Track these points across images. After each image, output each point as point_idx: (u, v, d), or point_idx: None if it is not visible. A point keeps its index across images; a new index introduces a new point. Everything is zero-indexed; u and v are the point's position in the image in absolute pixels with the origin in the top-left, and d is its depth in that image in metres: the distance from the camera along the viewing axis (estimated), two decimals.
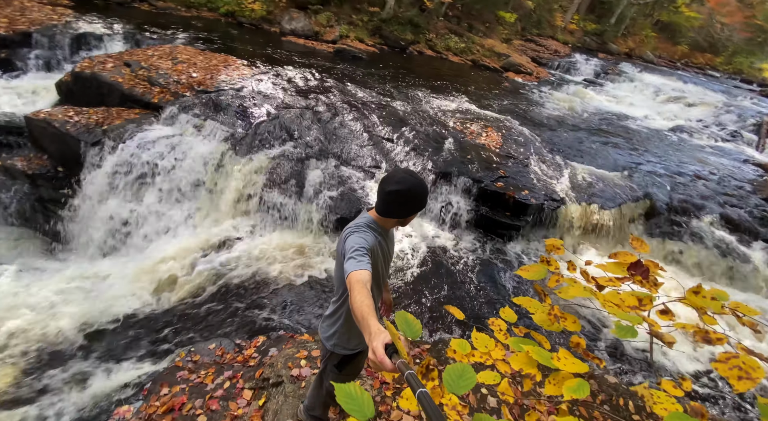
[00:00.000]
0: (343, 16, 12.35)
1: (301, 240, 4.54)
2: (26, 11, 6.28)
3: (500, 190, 5.78)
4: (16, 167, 4.86)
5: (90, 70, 5.39)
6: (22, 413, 2.99)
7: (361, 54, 10.72)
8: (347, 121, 6.24)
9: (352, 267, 1.31)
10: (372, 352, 0.87)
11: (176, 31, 7.79)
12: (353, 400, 0.67)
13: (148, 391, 2.55)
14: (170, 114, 5.27)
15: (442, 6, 15.24)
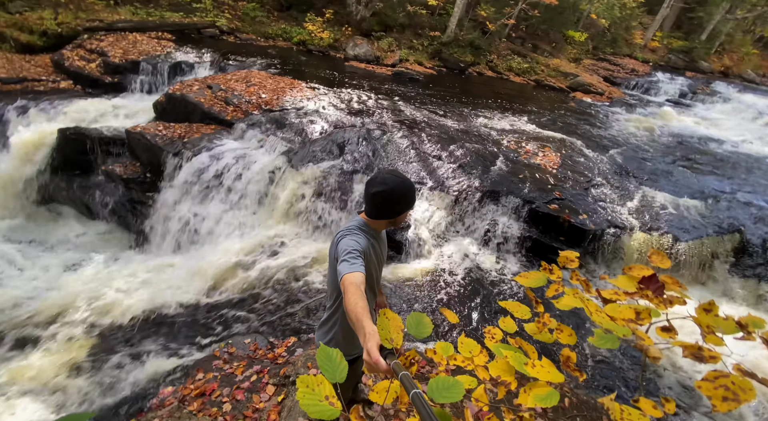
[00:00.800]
0: (404, 41, 12.88)
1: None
2: (137, 44, 7.63)
3: (554, 213, 5.41)
4: (115, 172, 5.78)
5: (180, 92, 6.28)
6: (90, 382, 3.43)
7: (418, 76, 11.01)
8: (396, 139, 6.40)
9: (345, 269, 1.31)
10: (367, 353, 0.87)
11: (254, 58, 8.79)
12: (330, 362, 0.69)
13: (186, 374, 2.78)
14: (239, 130, 5.90)
15: (505, 28, 15.15)
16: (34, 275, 4.92)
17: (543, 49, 16.11)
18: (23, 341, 3.78)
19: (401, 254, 4.95)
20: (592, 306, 0.87)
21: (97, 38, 7.48)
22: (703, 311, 0.73)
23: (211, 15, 9.84)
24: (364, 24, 11.99)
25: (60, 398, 3.13)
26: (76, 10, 7.80)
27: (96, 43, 7.34)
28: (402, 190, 1.47)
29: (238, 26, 10.40)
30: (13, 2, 7.17)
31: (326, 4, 11.89)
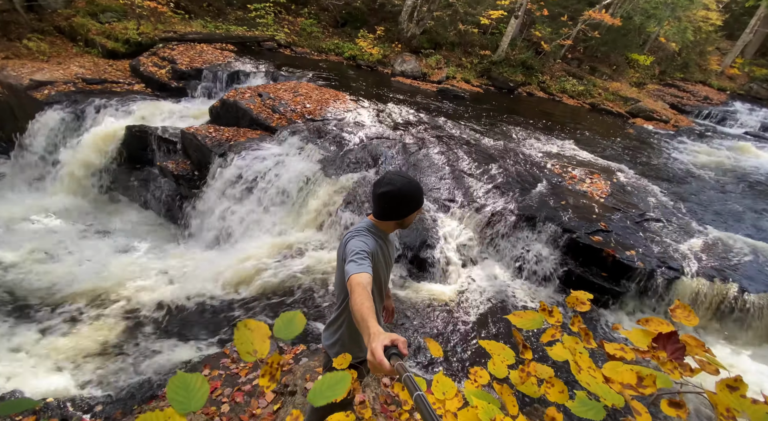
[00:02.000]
0: (452, 59, 12.88)
1: None
2: (203, 54, 8.33)
3: (596, 245, 4.99)
4: (168, 168, 6.25)
5: (233, 98, 6.72)
6: (113, 363, 3.64)
7: (463, 93, 10.90)
8: (432, 154, 6.32)
9: (352, 270, 1.30)
10: (371, 353, 0.86)
11: (305, 70, 9.23)
12: (186, 391, 0.61)
13: (193, 368, 2.85)
14: (282, 136, 6.15)
15: (561, 48, 14.63)
16: (87, 255, 5.40)
17: (602, 72, 15.31)
18: (65, 317, 4.12)
19: (425, 271, 4.80)
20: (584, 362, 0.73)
21: (170, 47, 8.28)
22: (726, 387, 0.57)
23: (272, 29, 10.53)
24: (413, 41, 12.18)
25: (82, 375, 3.35)
26: (155, 22, 8.73)
27: (168, 51, 8.14)
28: (409, 191, 1.45)
29: (295, 40, 11.02)
30: (104, 13, 8.20)
31: (379, 22, 12.27)
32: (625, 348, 0.76)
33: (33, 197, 6.51)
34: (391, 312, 1.94)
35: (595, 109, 13.36)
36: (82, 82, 7.27)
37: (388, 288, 1.79)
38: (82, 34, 8.05)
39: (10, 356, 3.54)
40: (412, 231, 4.91)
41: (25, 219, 5.79)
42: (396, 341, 0.89)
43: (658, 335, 0.79)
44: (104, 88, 7.40)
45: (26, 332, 3.87)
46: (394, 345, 0.88)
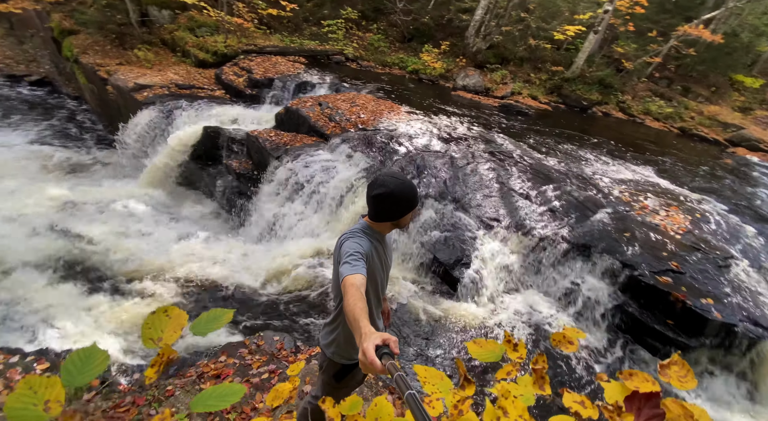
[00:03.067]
0: (519, 75, 12.40)
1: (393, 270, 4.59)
2: (277, 65, 9.09)
3: (663, 287, 4.37)
4: (232, 166, 6.87)
5: (296, 106, 7.21)
6: None
7: (528, 110, 10.40)
8: (481, 170, 6.09)
9: (346, 271, 1.31)
10: (362, 353, 0.87)
11: (367, 82, 9.58)
12: (81, 362, 0.60)
13: (212, 354, 3.03)
14: (334, 144, 6.42)
15: (647, 66, 13.30)
16: (156, 237, 6.11)
17: (697, 93, 13.57)
18: (129, 288, 4.69)
19: (456, 291, 4.59)
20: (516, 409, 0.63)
21: (249, 59, 9.19)
22: None
23: (341, 44, 11.15)
24: (479, 56, 11.99)
25: (129, 344, 3.76)
26: (240, 36, 9.77)
27: (247, 62, 9.03)
28: (402, 192, 1.44)
29: (362, 55, 11.51)
30: (200, 28, 9.40)
31: (446, 37, 12.31)
32: (587, 403, 0.63)
33: (123, 184, 7.58)
34: (387, 315, 1.94)
35: (685, 134, 11.86)
36: (174, 86, 8.37)
37: (385, 292, 1.77)
38: (180, 45, 9.30)
39: (81, 315, 4.12)
40: (447, 246, 4.75)
41: (114, 202, 6.75)
42: (387, 340, 0.89)
43: (634, 394, 0.65)
44: (192, 93, 8.42)
45: (97, 297, 4.48)
46: (386, 344, 0.88)
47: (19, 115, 9.69)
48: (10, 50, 11.61)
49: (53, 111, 10.32)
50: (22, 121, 9.50)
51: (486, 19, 11.65)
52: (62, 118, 10.11)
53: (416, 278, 4.67)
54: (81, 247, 5.46)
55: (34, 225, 5.72)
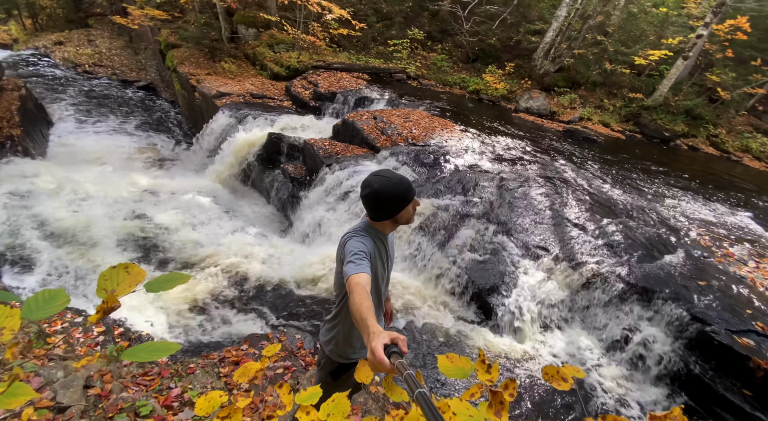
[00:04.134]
0: (591, 100, 11.63)
1: (420, 284, 4.46)
2: (341, 81, 9.61)
3: (743, 351, 3.69)
4: (288, 170, 7.31)
5: (352, 119, 7.51)
6: (193, 318, 4.34)
7: (596, 137, 9.68)
8: (533, 194, 5.74)
9: (351, 270, 1.31)
10: (371, 352, 0.86)
11: (424, 100, 9.69)
12: (45, 303, 0.65)
13: (236, 341, 3.17)
14: (382, 156, 6.55)
15: (748, 98, 11.69)
16: (214, 229, 6.66)
17: None
18: (182, 270, 5.13)
19: (490, 319, 4.30)
20: None
21: (317, 73, 9.85)
22: None
23: (404, 62, 11.47)
24: (546, 79, 11.52)
25: (173, 321, 4.09)
26: (312, 53, 10.55)
27: (315, 77, 9.68)
28: (388, 190, 1.44)
29: (424, 73, 11.72)
30: (278, 45, 10.34)
31: (512, 59, 12.06)
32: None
33: (194, 178, 8.44)
34: (390, 315, 1.92)
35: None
36: (249, 96, 9.23)
37: (388, 291, 1.75)
38: (260, 60, 10.29)
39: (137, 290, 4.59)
40: (484, 270, 4.50)
41: (185, 193, 7.54)
42: (396, 339, 0.88)
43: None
44: (263, 102, 9.21)
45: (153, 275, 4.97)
46: (394, 343, 0.87)
47: (125, 113, 11.39)
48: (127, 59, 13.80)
49: (151, 111, 11.96)
50: (126, 117, 11.15)
51: (556, 42, 11.21)
52: (157, 118, 11.67)
53: (446, 299, 4.48)
54: (151, 230, 6.15)
55: (119, 207, 6.59)
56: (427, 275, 4.63)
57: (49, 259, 4.87)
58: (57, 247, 5.14)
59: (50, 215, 5.69)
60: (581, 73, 11.97)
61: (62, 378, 2.40)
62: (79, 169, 7.81)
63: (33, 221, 5.48)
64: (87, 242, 5.35)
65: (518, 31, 12.27)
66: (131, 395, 2.41)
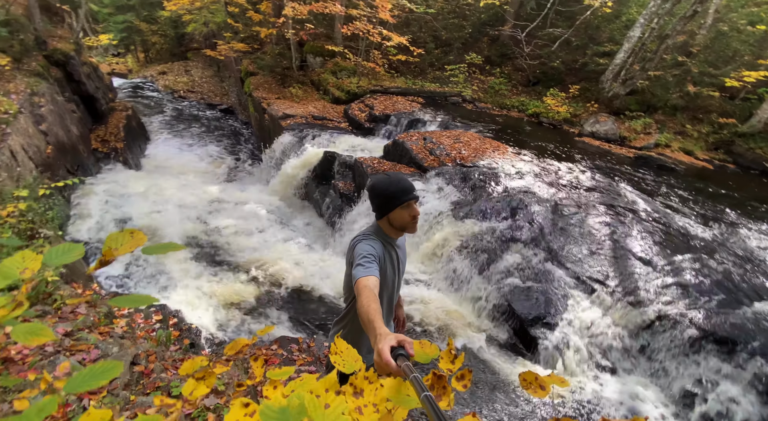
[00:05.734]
0: (670, 125, 10.54)
1: (459, 308, 4.26)
2: (396, 104, 9.96)
3: None
4: (338, 186, 7.64)
5: (402, 139, 7.69)
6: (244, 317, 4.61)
7: (675, 165, 8.70)
8: (592, 222, 5.28)
9: (359, 273, 1.33)
10: (377, 354, 0.88)
11: (478, 122, 9.59)
12: (62, 254, 0.73)
13: (268, 341, 3.30)
14: (429, 176, 6.56)
15: None
16: (267, 237, 7.13)
17: None
18: (233, 273, 5.55)
19: (531, 351, 3.94)
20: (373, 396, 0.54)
21: (373, 97, 10.33)
22: None
23: (460, 86, 11.55)
24: (616, 102, 10.74)
25: (218, 318, 4.40)
26: (371, 78, 11.13)
27: (371, 100, 10.16)
28: (382, 187, 1.47)
29: (480, 97, 11.66)
30: (341, 72, 11.11)
31: (577, 81, 11.50)
32: None
33: (258, 190, 9.19)
34: (402, 322, 1.89)
35: None
36: (311, 117, 9.95)
37: (399, 296, 1.72)
38: (323, 85, 11.11)
39: (194, 286, 5.06)
40: (527, 298, 4.18)
41: (246, 203, 8.22)
42: (403, 341, 0.88)
43: None
44: (323, 123, 9.86)
45: (208, 274, 5.44)
46: (401, 346, 0.88)
47: (207, 132, 12.94)
48: (213, 86, 15.80)
49: (228, 131, 13.43)
50: (207, 135, 12.64)
51: (628, 63, 10.49)
52: (233, 137, 13.05)
53: (484, 325, 4.22)
54: (213, 234, 6.78)
55: (190, 212, 7.40)
56: (465, 297, 4.43)
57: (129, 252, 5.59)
58: None
59: (134, 214, 6.58)
60: (658, 96, 10.96)
61: (116, 353, 2.70)
62: (164, 178, 8.97)
63: (120, 218, 6.38)
64: (160, 240, 6.05)
65: (584, 54, 11.74)
66: (168, 377, 2.62)
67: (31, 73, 6.69)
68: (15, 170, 4.60)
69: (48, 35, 8.13)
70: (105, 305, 3.70)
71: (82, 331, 2.85)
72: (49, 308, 3.07)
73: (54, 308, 3.10)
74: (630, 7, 12.25)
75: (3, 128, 4.85)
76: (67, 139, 7.30)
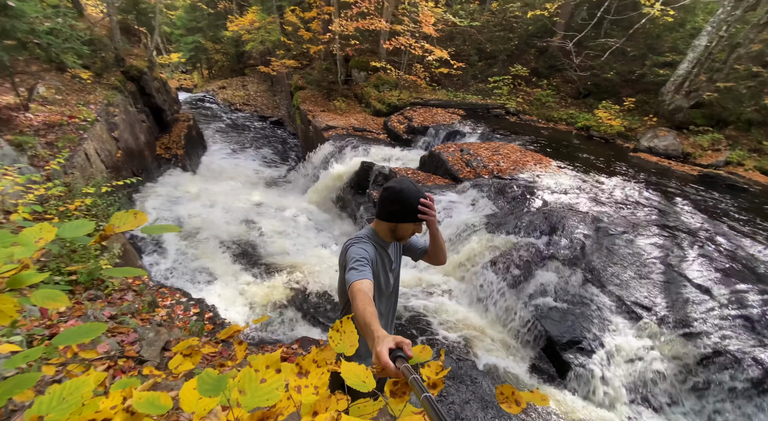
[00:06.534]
0: (743, 141, 9.46)
1: (483, 323, 4.06)
2: (435, 116, 9.97)
3: None
4: (372, 195, 7.75)
5: (438, 150, 7.66)
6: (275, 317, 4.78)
7: (747, 185, 7.77)
8: (641, 243, 4.84)
9: (353, 277, 1.32)
10: (376, 356, 0.88)
11: (522, 135, 9.28)
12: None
13: (290, 341, 3.37)
14: (463, 187, 6.44)
15: None
16: (302, 242, 7.38)
17: None
18: (266, 273, 5.79)
19: (563, 377, 3.64)
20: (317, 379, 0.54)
21: (413, 110, 10.43)
22: None
23: (504, 98, 11.30)
24: (678, 115, 9.87)
25: (251, 314, 4.59)
26: (412, 91, 11.28)
27: (411, 112, 10.26)
28: (405, 195, 1.42)
29: (525, 109, 11.31)
30: (383, 85, 11.38)
31: (633, 93, 10.76)
32: None
33: (296, 197, 9.58)
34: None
35: None
36: (352, 129, 10.26)
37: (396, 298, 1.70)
38: (366, 98, 11.44)
39: (232, 283, 5.35)
40: (561, 321, 3.89)
41: (286, 209, 8.60)
42: (401, 343, 0.89)
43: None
44: (362, 135, 10.12)
45: (247, 274, 5.73)
46: (400, 348, 0.88)
47: (257, 142, 13.81)
48: (266, 100, 16.90)
49: (277, 141, 14.24)
50: (257, 145, 13.49)
51: (692, 74, 9.64)
52: (280, 147, 13.80)
53: (510, 342, 3.99)
54: (253, 236, 7.16)
55: (234, 214, 7.88)
56: (492, 313, 4.24)
57: (177, 248, 6.09)
58: (183, 239, 6.39)
59: (186, 214, 7.15)
60: (729, 109, 9.92)
61: (150, 338, 2.92)
62: (214, 183, 9.68)
63: (173, 216, 6.97)
64: (204, 239, 6.51)
65: (642, 64, 10.99)
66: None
67: (109, 87, 7.64)
68: (88, 170, 5.26)
69: (126, 53, 9.26)
70: (149, 295, 4.03)
71: (125, 315, 3.12)
72: (101, 293, 3.42)
73: (105, 293, 3.44)
74: (696, 15, 11.33)
75: (81, 134, 5.59)
76: (135, 146, 8.17)
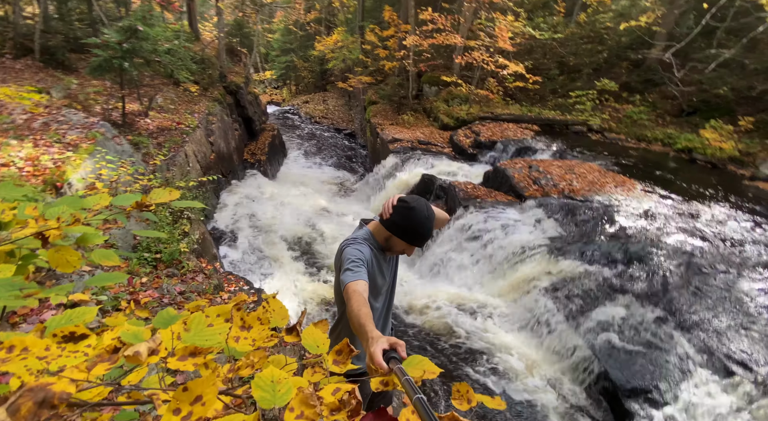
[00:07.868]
0: None
1: (534, 352, 3.69)
2: (505, 130, 9.56)
3: None
4: None
5: (504, 166, 7.32)
6: (315, 310, 4.99)
7: None
8: (745, 287, 4.00)
9: (348, 278, 1.33)
10: (369, 357, 0.89)
11: (604, 155, 8.41)
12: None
13: None
14: (528, 205, 6.04)
15: None
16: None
17: None
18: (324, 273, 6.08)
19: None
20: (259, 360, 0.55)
21: (482, 124, 10.16)
22: None
23: (586, 114, 10.39)
24: None
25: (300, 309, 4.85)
26: (482, 105, 11.01)
27: (479, 127, 10.01)
28: (415, 221, 1.40)
29: (612, 127, 10.25)
30: (453, 99, 11.32)
31: (753, 112, 9.05)
32: None
33: (362, 206, 9.92)
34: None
35: None
36: (417, 142, 10.37)
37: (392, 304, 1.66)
38: (435, 113, 11.50)
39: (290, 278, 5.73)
40: (627, 364, 3.36)
41: (347, 215, 8.97)
42: (395, 344, 0.89)
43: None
44: (427, 148, 10.16)
45: (303, 272, 6.08)
46: (393, 348, 0.89)
47: (330, 152, 14.72)
48: (343, 113, 17.99)
49: (348, 152, 15.01)
50: (330, 154, 14.38)
51: None
52: (350, 158, 14.52)
53: (560, 380, 3.55)
54: (314, 237, 7.59)
55: (301, 217, 8.46)
56: (543, 344, 3.84)
57: (248, 242, 6.74)
58: (254, 235, 7.06)
59: (260, 212, 7.89)
60: None
61: None
62: (289, 187, 10.54)
63: (249, 214, 7.75)
64: (272, 235, 7.11)
65: (766, 79, 9.23)
66: None
67: (211, 99, 8.90)
68: (185, 168, 6.18)
69: (228, 71, 10.72)
70: (216, 279, 4.52)
71: (192, 293, 3.55)
72: (177, 272, 3.94)
73: (180, 272, 3.96)
74: None
75: (184, 137, 6.62)
76: (226, 150, 9.33)
